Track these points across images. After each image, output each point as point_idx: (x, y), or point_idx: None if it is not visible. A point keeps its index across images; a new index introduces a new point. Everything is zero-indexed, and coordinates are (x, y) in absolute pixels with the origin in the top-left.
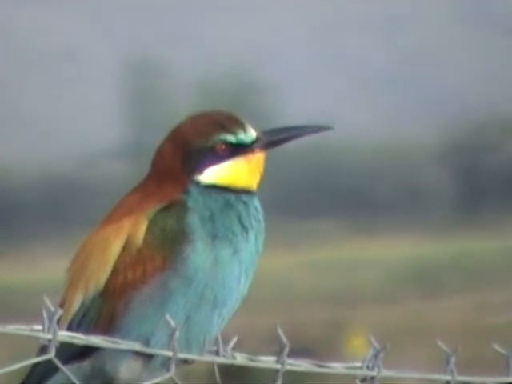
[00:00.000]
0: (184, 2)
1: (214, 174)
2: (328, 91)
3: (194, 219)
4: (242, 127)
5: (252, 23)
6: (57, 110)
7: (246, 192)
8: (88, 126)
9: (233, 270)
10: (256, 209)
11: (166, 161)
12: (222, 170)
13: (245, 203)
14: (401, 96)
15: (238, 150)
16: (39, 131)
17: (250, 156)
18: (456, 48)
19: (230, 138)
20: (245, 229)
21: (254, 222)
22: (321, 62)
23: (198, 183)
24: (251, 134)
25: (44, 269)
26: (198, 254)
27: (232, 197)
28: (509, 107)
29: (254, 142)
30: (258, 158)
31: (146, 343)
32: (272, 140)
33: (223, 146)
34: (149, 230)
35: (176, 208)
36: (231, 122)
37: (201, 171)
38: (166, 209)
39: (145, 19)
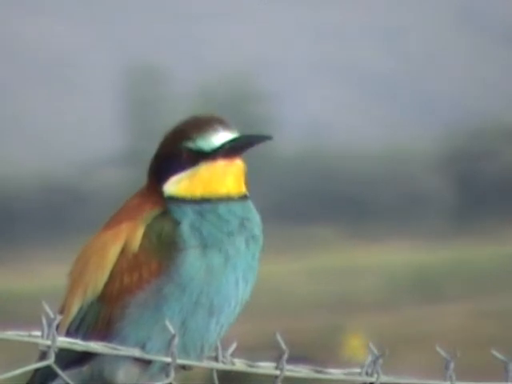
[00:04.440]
0: (183, 11)
1: (173, 184)
2: (327, 98)
3: (184, 228)
4: (203, 134)
5: (251, 32)
6: (57, 119)
7: (209, 200)
8: (87, 134)
9: (227, 277)
10: (234, 214)
11: (149, 168)
12: (180, 180)
13: (213, 211)
14: (400, 103)
15: (199, 157)
16: (38, 140)
17: (211, 164)
18: (455, 56)
19: (190, 145)
20: (226, 234)
21: (235, 227)
22: (320, 69)
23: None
24: (211, 141)
25: (44, 275)
26: (190, 262)
27: (196, 207)
28: (507, 115)
29: (216, 150)
30: (221, 165)
31: (143, 348)
32: (232, 147)
33: (186, 154)
34: (145, 234)
35: (170, 215)
36: (194, 129)
37: (166, 180)
38: (163, 214)
39: (144, 28)
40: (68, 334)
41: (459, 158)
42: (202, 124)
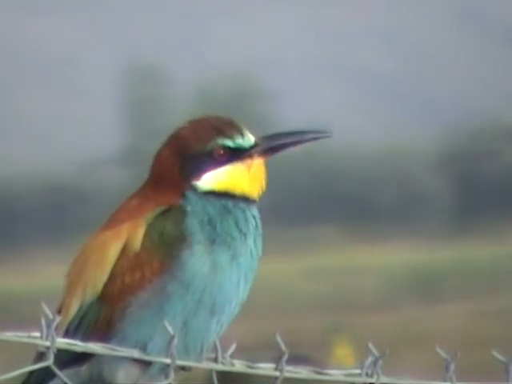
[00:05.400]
0: (184, 10)
1: (211, 180)
2: (327, 98)
3: (192, 223)
4: (240, 132)
5: (252, 31)
6: (57, 119)
7: (245, 199)
8: (87, 134)
9: (231, 275)
10: (254, 216)
11: (163, 166)
12: (219, 175)
13: (242, 210)
14: (400, 103)
15: (236, 154)
16: (38, 140)
17: (249, 161)
18: (455, 56)
19: (228, 142)
20: (243, 233)
21: (251, 228)
22: (320, 69)
23: (195, 189)
24: (249, 138)
25: (44, 275)
26: (196, 258)
27: (229, 203)
28: (507, 115)
29: (252, 147)
30: (257, 163)
31: (143, 348)
32: (271, 146)
33: (221, 151)
34: (147, 233)
35: (174, 212)
36: (229, 127)
37: (198, 176)
38: (164, 213)
39: (145, 27)
40: (67, 333)
41: (459, 157)
42: (231, 122)
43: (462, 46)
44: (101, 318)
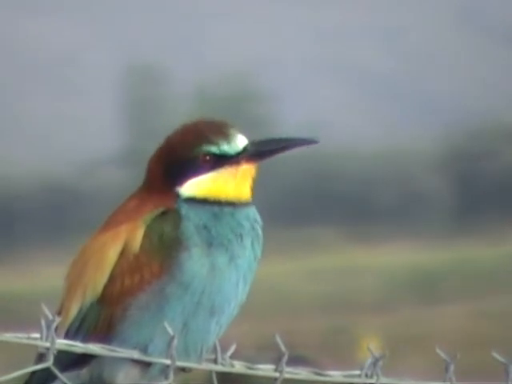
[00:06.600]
0: (184, 10)
1: (192, 187)
2: (327, 98)
3: (188, 226)
4: (226, 138)
5: (252, 31)
6: (57, 119)
7: (232, 204)
8: (87, 134)
9: (230, 277)
10: (247, 218)
11: (152, 171)
12: (201, 182)
13: (231, 214)
14: (400, 104)
15: (222, 161)
16: (39, 140)
17: (235, 167)
18: (455, 56)
19: (213, 149)
20: (239, 235)
21: (246, 230)
22: (320, 69)
23: (179, 196)
24: (236, 144)
25: (43, 276)
26: (194, 260)
27: (216, 209)
28: (507, 115)
29: (239, 153)
30: (245, 169)
31: (144, 350)
32: (259, 151)
33: (207, 158)
34: (146, 235)
35: (172, 214)
36: (215, 133)
37: (182, 183)
38: (163, 215)
39: (145, 27)
40: (67, 336)
41: (459, 157)
42: (220, 128)
43: (462, 46)
44: (101, 320)
